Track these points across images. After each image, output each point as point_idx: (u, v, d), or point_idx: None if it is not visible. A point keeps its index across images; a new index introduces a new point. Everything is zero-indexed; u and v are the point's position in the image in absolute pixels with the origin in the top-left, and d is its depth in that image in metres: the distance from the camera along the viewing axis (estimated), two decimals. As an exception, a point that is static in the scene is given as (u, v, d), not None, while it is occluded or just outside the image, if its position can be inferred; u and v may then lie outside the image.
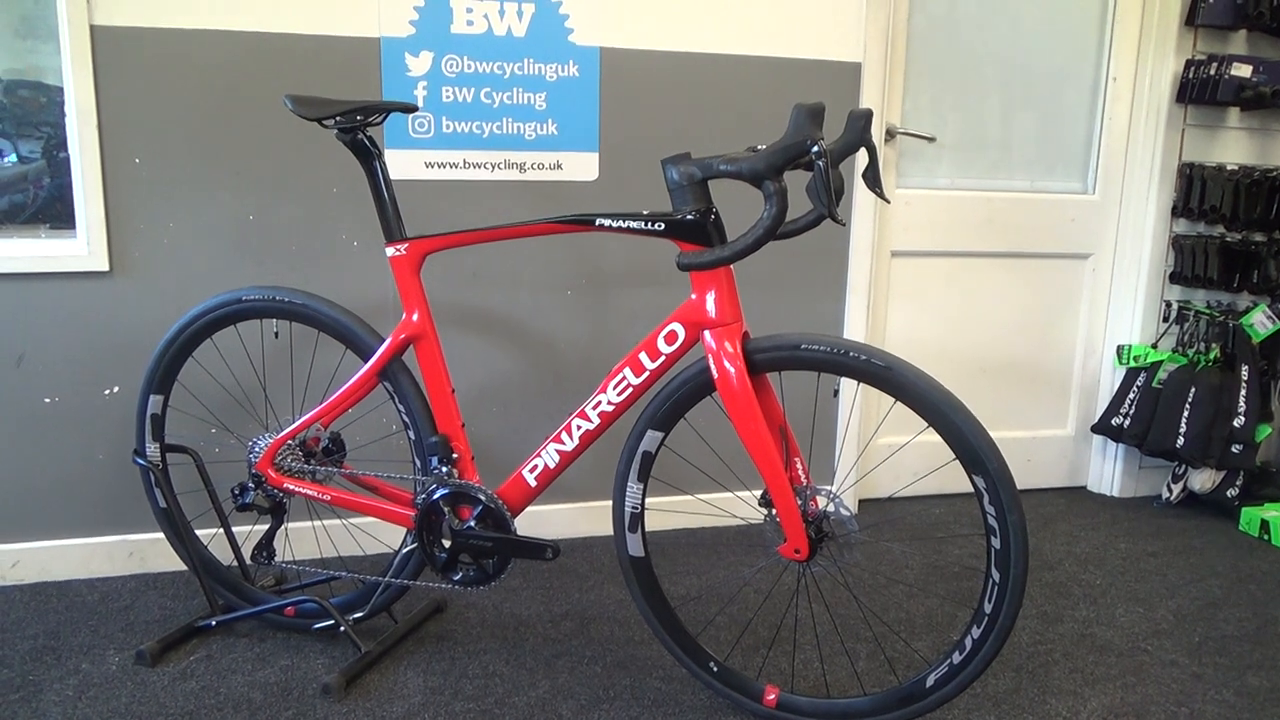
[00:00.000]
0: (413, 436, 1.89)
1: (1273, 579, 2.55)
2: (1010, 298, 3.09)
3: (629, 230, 1.65)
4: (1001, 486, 1.53)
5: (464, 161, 2.41)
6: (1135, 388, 3.06)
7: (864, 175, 1.67)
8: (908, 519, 2.92)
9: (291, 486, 1.93)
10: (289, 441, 1.95)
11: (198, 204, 2.29)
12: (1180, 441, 2.93)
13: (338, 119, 1.79)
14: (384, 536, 2.51)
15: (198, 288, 2.30)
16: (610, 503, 2.62)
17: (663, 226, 1.62)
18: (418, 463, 1.90)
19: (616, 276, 2.59)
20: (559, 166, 2.47)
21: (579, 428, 1.77)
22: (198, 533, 2.12)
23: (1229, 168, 2.92)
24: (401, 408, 1.88)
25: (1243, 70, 2.78)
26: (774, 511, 1.68)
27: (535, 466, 1.81)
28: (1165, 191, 3.01)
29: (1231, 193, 2.85)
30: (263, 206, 2.33)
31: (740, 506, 2.77)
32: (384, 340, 1.85)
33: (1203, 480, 3.01)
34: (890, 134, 2.81)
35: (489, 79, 2.38)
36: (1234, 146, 3.03)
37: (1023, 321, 3.12)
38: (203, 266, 2.31)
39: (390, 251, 1.82)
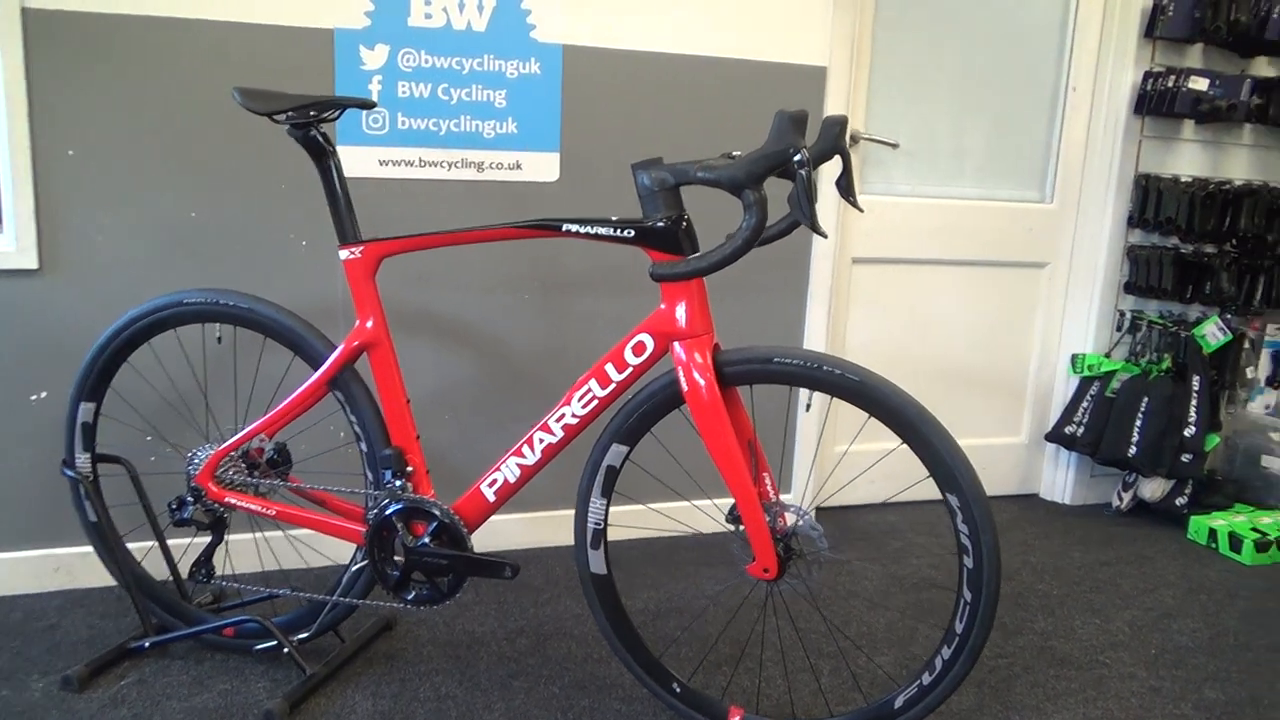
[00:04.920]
0: (364, 449, 1.80)
1: (1222, 589, 2.57)
2: (968, 305, 3.08)
3: (596, 237, 1.58)
4: (975, 505, 1.50)
5: (420, 160, 2.32)
6: (1089, 397, 3.08)
7: (837, 183, 1.63)
8: (863, 528, 2.90)
9: (233, 501, 1.83)
10: (231, 453, 1.85)
11: (136, 199, 2.16)
12: (1133, 451, 2.95)
13: (290, 114, 1.69)
14: (330, 550, 2.41)
15: (134, 289, 2.18)
16: (566, 512, 2.57)
17: (632, 234, 1.56)
18: (369, 476, 1.81)
19: (575, 279, 2.52)
20: (518, 166, 2.40)
21: (541, 441, 1.70)
22: (130, 547, 2.01)
23: (1183, 179, 2.94)
24: (353, 418, 1.79)
25: (1199, 84, 2.81)
26: (742, 528, 1.63)
27: (494, 481, 1.73)
28: (1122, 202, 3.03)
29: (1187, 205, 2.87)
30: (205, 203, 2.21)
31: (697, 518, 2.72)
32: (335, 347, 1.76)
33: (1153, 489, 3.04)
34: (854, 139, 2.78)
35: (447, 74, 2.29)
36: (1189, 159, 3.06)
37: (980, 329, 3.12)
38: (140, 266, 2.19)
39: (344, 254, 1.73)
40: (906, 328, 3.02)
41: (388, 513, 1.75)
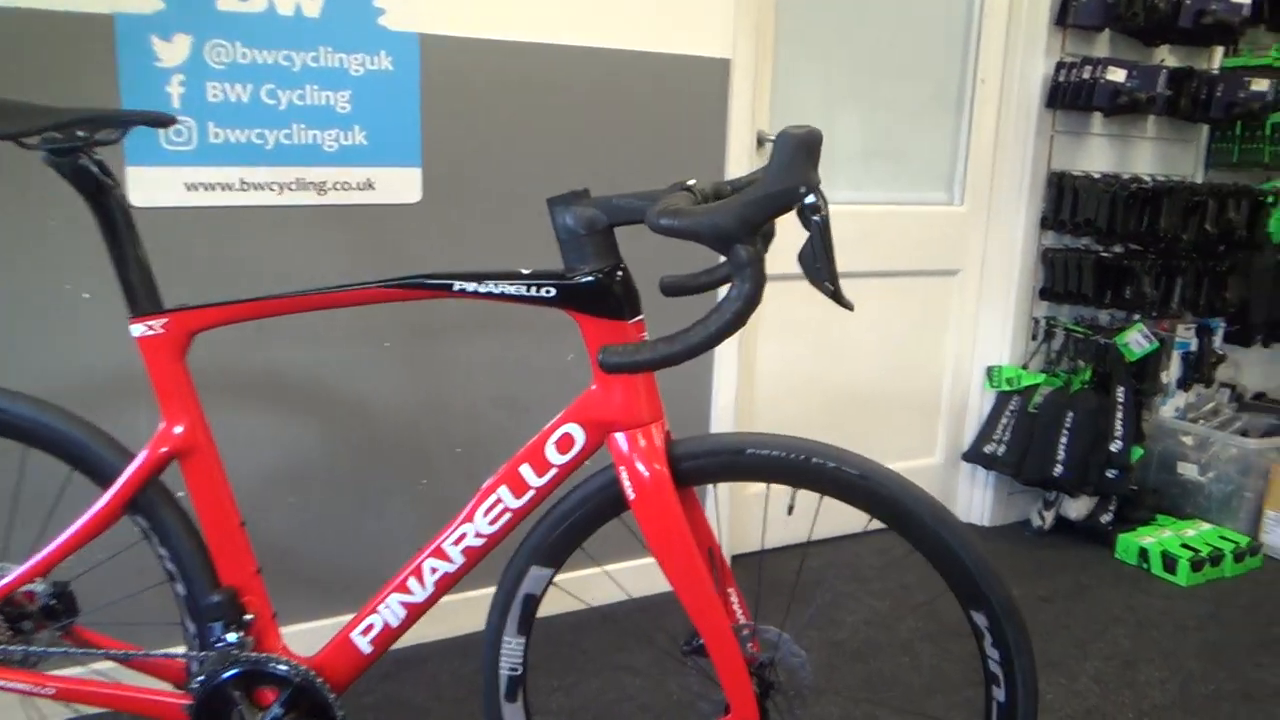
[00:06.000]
0: (183, 591, 1.31)
1: (1169, 620, 2.39)
2: (881, 320, 2.80)
3: (504, 298, 1.16)
4: (1009, 624, 1.17)
5: (241, 182, 1.81)
6: (1009, 412, 2.86)
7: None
8: (785, 579, 2.58)
9: (-5, 675, 1.31)
10: (-11, 606, 1.33)
11: None
12: (1059, 470, 2.75)
13: (44, 136, 1.18)
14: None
15: None
16: (472, 594, 2.13)
17: (553, 292, 1.15)
18: (191, 628, 1.32)
19: (453, 319, 2.07)
20: (370, 186, 1.93)
21: (434, 571, 1.26)
22: None
23: (1095, 176, 2.75)
24: (164, 552, 1.30)
25: (1117, 75, 2.61)
26: (704, 661, 1.25)
27: (370, 626, 1.28)
28: (1035, 202, 2.81)
29: (1107, 205, 2.67)
30: (-58, 247, 1.64)
31: (601, 587, 2.33)
32: (134, 457, 1.27)
33: (1078, 507, 2.85)
34: (760, 142, 2.43)
35: (272, 72, 1.79)
36: (1098, 154, 2.88)
37: (893, 345, 2.84)
38: None
39: (137, 330, 1.24)
40: (817, 349, 2.71)
41: (220, 680, 1.27)
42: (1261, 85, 2.73)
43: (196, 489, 1.29)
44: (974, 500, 3.03)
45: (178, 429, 1.25)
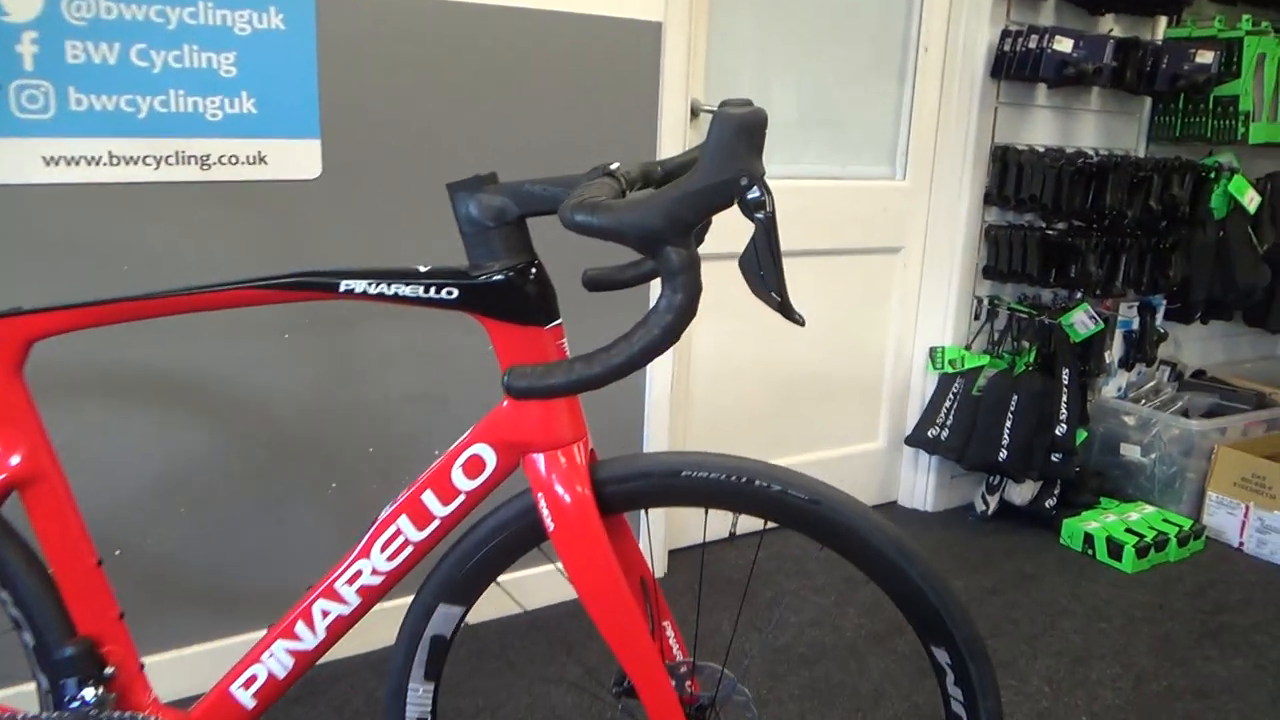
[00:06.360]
0: (30, 641, 1.12)
1: (1118, 611, 2.33)
2: (821, 299, 2.68)
3: (398, 299, 0.99)
4: (973, 662, 1.05)
5: (110, 155, 1.60)
6: (952, 395, 2.77)
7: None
8: (724, 574, 2.45)
9: None
10: None
11: None
12: (1003, 455, 2.68)
13: None
14: None
15: None
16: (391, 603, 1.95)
17: (455, 294, 0.98)
18: (43, 682, 1.13)
19: (358, 307, 1.88)
20: (261, 160, 1.72)
21: (326, 614, 1.09)
22: None
23: (1039, 150, 2.65)
24: (5, 596, 1.11)
25: (1064, 44, 2.50)
26: (633, 701, 1.11)
27: (253, 678, 1.11)
28: (978, 177, 2.70)
29: (1053, 180, 2.58)
30: None
31: (530, 589, 2.18)
32: (-39, 488, 1.07)
33: (1022, 492, 2.78)
34: (694, 112, 2.27)
35: (143, 29, 1.57)
36: (1041, 127, 2.78)
37: (833, 326, 2.72)
38: None
39: (-43, 339, 1.04)
40: (757, 332, 2.58)
41: (77, 744, 1.09)
42: (1206, 57, 2.66)
43: (42, 524, 1.10)
44: (916, 485, 2.94)
45: (14, 458, 1.06)
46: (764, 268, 0.76)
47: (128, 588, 1.77)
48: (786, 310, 0.78)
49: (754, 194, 0.74)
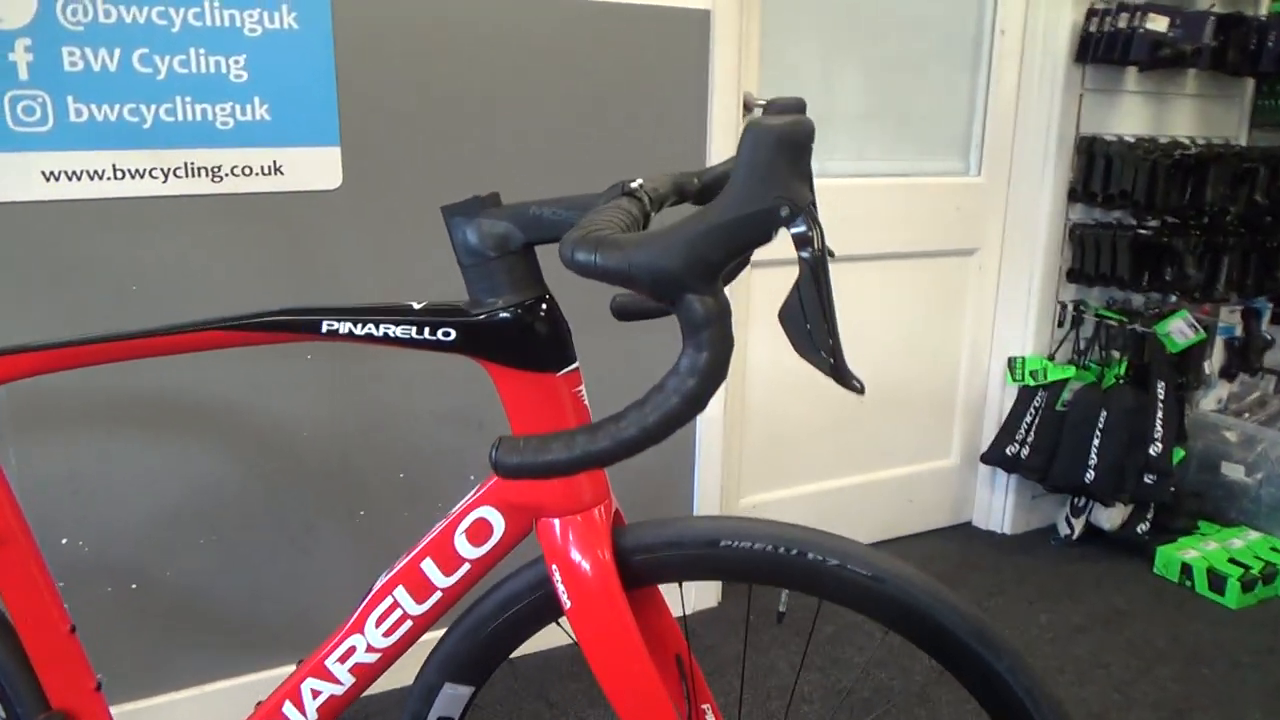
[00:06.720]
0: (1, 715, 1.02)
1: (1220, 654, 2.09)
2: (891, 307, 2.48)
3: (386, 341, 0.85)
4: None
5: (114, 168, 1.49)
6: (1033, 410, 2.55)
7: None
8: (777, 604, 2.28)
9: None
10: None
11: None
12: (1090, 475, 2.45)
13: None
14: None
15: None
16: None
17: (451, 335, 0.84)
18: (12, 763, 1.03)
19: (381, 328, 1.75)
20: (278, 170, 1.60)
21: (316, 694, 0.96)
22: None
23: (1130, 141, 2.42)
24: (-32, 669, 1.00)
25: (1159, 23, 2.26)
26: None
27: (237, 765, 0.98)
28: (1061, 171, 2.48)
29: (1146, 174, 2.34)
30: None
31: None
32: (-84, 550, 0.96)
33: (1112, 517, 2.55)
34: (748, 106, 2.10)
35: (144, 33, 1.46)
36: (1131, 115, 2.54)
37: (902, 335, 2.53)
38: None
39: (-96, 385, 0.93)
40: (819, 342, 2.39)
41: (45, 835, 0.98)
42: (1320, 33, 2.39)
43: (10, 590, 0.98)
44: (993, 506, 2.73)
45: (-31, 517, 0.94)
46: (811, 321, 0.60)
47: (145, 622, 1.68)
48: (841, 375, 0.61)
49: (798, 228, 0.58)
